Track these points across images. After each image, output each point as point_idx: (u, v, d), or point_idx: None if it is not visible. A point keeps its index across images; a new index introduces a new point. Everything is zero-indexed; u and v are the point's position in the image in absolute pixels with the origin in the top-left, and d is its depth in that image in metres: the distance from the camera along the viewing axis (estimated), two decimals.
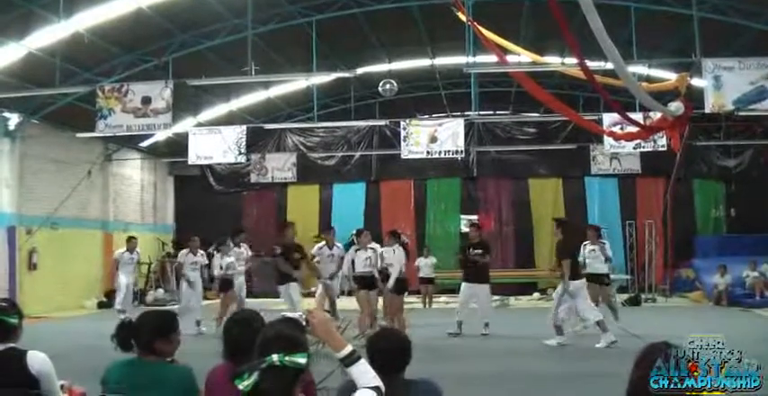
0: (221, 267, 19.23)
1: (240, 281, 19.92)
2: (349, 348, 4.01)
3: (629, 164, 30.05)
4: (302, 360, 3.55)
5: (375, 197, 33.44)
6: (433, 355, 14.31)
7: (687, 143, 24.91)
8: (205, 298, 20.79)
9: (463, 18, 18.98)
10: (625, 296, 27.19)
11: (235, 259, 19.77)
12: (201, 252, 20.11)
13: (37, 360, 5.35)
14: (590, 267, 18.62)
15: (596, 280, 18.48)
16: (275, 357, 3.48)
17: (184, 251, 20.17)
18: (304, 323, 4.14)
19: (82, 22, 19.98)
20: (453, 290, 24.75)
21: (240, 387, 3.45)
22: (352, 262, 17.89)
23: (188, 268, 19.82)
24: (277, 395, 3.50)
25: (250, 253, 21.12)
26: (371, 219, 30.38)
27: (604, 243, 19.10)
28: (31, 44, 20.57)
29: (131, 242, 21.76)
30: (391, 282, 17.23)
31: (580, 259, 18.14)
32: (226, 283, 19.24)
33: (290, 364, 3.50)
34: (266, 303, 21.46)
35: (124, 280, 21.23)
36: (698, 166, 31.41)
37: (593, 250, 18.64)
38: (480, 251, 17.85)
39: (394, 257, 17.43)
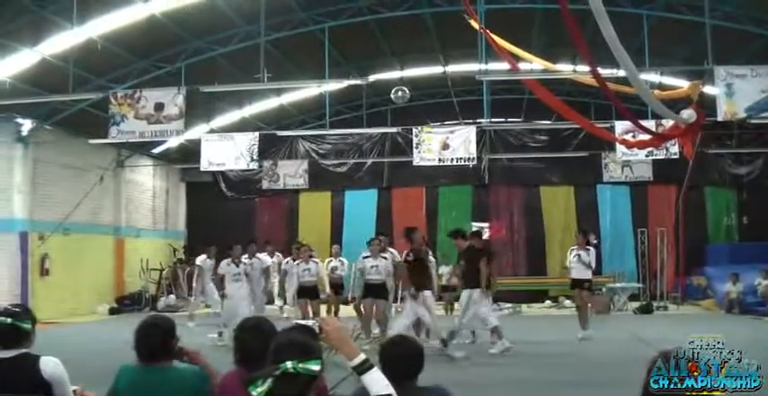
0: (331, 270, 19.46)
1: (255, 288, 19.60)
2: (362, 356, 4.01)
3: (641, 171, 30.04)
4: (316, 367, 3.56)
5: (387, 204, 33.42)
6: (444, 361, 14.31)
7: (699, 151, 24.88)
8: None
9: (476, 26, 18.98)
10: (637, 304, 27.16)
11: (342, 263, 19.86)
12: (245, 260, 18.70)
13: (50, 365, 5.37)
14: (575, 272, 18.82)
15: (578, 285, 18.67)
16: (289, 364, 3.49)
17: (225, 261, 18.49)
18: (317, 330, 4.15)
19: (95, 28, 20.06)
20: None
21: (254, 393, 3.46)
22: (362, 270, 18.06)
23: (229, 280, 18.14)
24: None
25: (271, 260, 20.48)
26: (383, 226, 30.26)
27: (589, 249, 19.15)
28: (44, 50, 20.66)
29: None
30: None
31: (566, 264, 18.65)
32: (335, 288, 19.12)
33: (303, 371, 3.51)
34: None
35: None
36: (710, 174, 31.28)
37: (579, 255, 18.77)
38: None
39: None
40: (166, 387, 5.17)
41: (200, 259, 21.58)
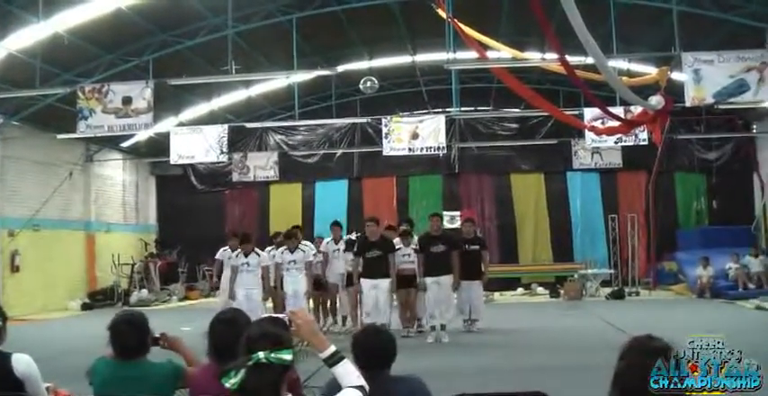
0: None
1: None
2: (332, 349, 4.03)
3: (611, 158, 30.18)
4: (288, 357, 3.56)
5: (357, 194, 33.39)
6: (420, 349, 14.34)
7: (668, 137, 24.99)
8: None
9: (443, 15, 18.99)
10: (608, 290, 27.27)
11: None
12: (307, 245, 17.56)
13: (22, 363, 5.34)
14: None
15: None
16: (261, 354, 3.49)
17: (281, 249, 17.01)
18: (288, 323, 4.15)
19: (61, 22, 19.92)
20: None
21: (227, 385, 3.46)
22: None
23: (285, 268, 16.62)
24: (264, 392, 3.51)
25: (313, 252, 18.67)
26: (354, 216, 30.26)
27: None
28: (10, 45, 20.49)
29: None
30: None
31: None
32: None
33: (276, 361, 3.51)
34: None
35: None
36: (679, 160, 31.45)
37: None
38: (477, 247, 17.79)
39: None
40: (140, 382, 5.20)
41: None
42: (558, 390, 5.73)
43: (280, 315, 4.27)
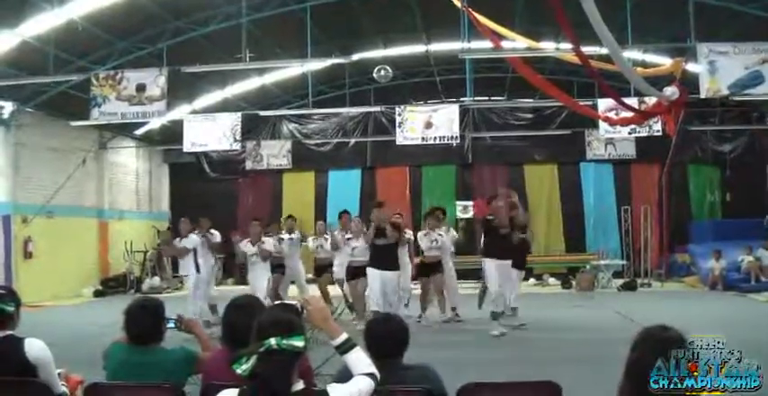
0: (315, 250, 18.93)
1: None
2: (344, 336, 4.03)
3: (624, 149, 30.10)
4: (300, 343, 3.56)
5: (370, 184, 33.35)
6: (431, 340, 14.34)
7: (682, 128, 24.92)
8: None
9: (458, 4, 18.93)
10: (620, 281, 27.23)
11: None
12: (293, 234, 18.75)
13: (35, 347, 5.37)
14: None
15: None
16: (273, 341, 3.49)
17: (245, 241, 17.49)
18: (300, 309, 4.15)
19: (75, 9, 19.85)
20: None
21: (238, 371, 3.46)
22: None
23: (250, 261, 17.37)
24: (276, 378, 3.52)
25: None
26: (367, 205, 30.20)
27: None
28: (24, 32, 20.46)
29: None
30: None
31: None
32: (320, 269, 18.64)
33: (287, 348, 3.52)
34: None
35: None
36: (693, 152, 31.36)
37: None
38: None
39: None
40: (153, 368, 5.23)
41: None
42: (570, 380, 5.73)
43: (291, 302, 4.27)
